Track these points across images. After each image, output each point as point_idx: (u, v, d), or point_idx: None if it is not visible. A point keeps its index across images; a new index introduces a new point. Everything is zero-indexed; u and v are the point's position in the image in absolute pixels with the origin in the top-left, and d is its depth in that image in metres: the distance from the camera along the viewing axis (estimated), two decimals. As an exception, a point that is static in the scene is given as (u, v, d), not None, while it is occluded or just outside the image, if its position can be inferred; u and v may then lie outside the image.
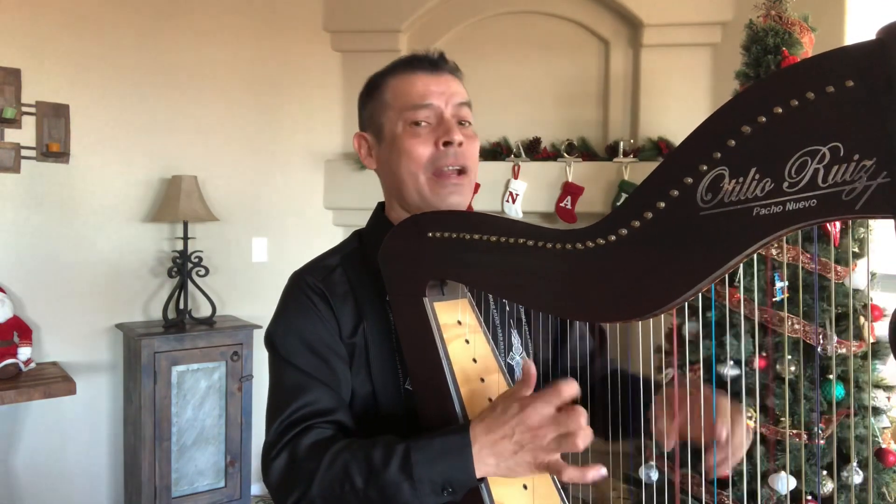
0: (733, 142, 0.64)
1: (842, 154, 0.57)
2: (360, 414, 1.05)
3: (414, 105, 1.05)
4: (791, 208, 0.61)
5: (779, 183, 0.62)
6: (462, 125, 1.08)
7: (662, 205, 0.70)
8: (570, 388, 0.83)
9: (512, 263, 0.84)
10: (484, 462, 0.84)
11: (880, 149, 0.55)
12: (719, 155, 0.65)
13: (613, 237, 0.75)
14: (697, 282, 0.69)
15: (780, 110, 0.60)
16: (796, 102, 0.59)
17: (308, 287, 1.07)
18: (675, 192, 0.69)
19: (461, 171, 1.06)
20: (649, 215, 0.72)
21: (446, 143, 1.04)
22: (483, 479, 0.87)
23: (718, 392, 0.95)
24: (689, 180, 0.68)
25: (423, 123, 1.05)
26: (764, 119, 0.62)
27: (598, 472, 0.81)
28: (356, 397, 1.05)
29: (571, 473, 0.81)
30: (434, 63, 1.08)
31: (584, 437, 0.80)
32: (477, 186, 3.20)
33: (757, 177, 0.63)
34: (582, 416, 0.81)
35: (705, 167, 0.66)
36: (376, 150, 1.12)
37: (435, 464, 0.85)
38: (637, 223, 0.73)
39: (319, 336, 1.04)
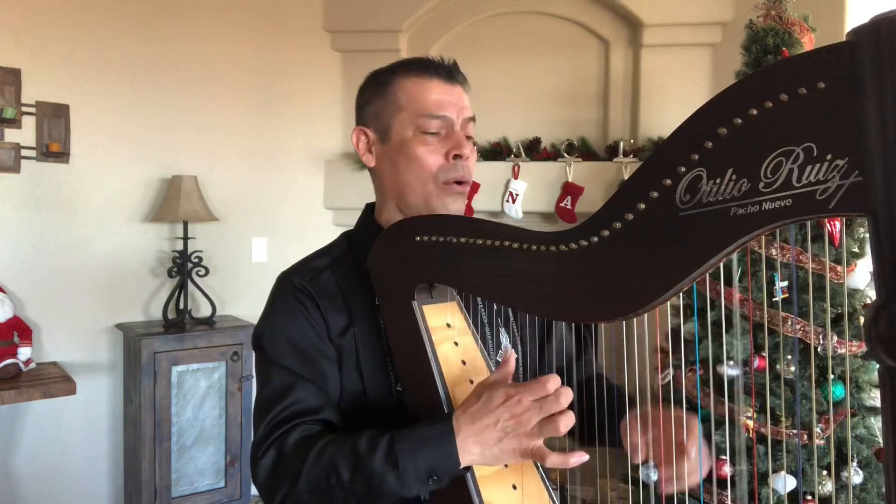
0: (710, 143, 0.65)
1: (815, 154, 0.58)
2: (352, 417, 1.05)
3: (429, 114, 1.06)
4: (767, 208, 0.62)
5: (755, 183, 0.62)
6: (467, 139, 1.10)
7: (643, 206, 0.72)
8: (555, 382, 0.84)
9: (498, 266, 0.86)
10: (469, 451, 0.85)
11: (852, 148, 0.56)
12: (697, 157, 0.66)
13: (596, 238, 0.77)
14: (678, 281, 0.70)
15: (755, 112, 0.61)
16: (770, 104, 0.60)
17: (295, 287, 1.08)
18: (655, 194, 0.70)
19: (463, 182, 1.09)
20: (630, 217, 0.73)
21: (456, 157, 1.06)
22: (469, 468, 0.88)
23: (689, 413, 0.98)
24: (668, 182, 0.69)
25: (434, 133, 1.06)
26: (739, 121, 0.62)
27: (580, 457, 0.82)
28: (348, 398, 1.06)
29: (555, 459, 0.83)
30: (450, 73, 1.09)
31: (566, 420, 0.82)
32: (476, 186, 3.20)
33: (734, 177, 0.64)
34: (564, 395, 0.82)
35: (683, 168, 0.67)
36: (378, 148, 1.12)
37: (419, 452, 0.86)
38: (618, 224, 0.74)
39: (306, 336, 1.05)
